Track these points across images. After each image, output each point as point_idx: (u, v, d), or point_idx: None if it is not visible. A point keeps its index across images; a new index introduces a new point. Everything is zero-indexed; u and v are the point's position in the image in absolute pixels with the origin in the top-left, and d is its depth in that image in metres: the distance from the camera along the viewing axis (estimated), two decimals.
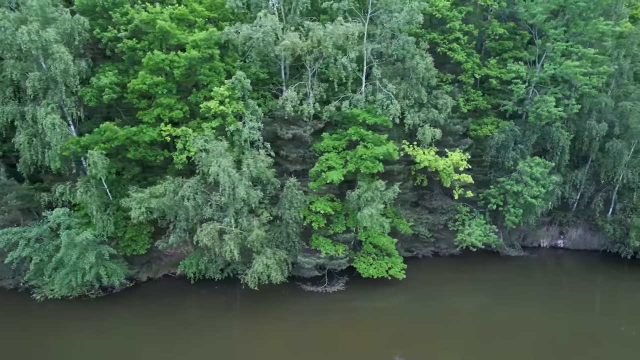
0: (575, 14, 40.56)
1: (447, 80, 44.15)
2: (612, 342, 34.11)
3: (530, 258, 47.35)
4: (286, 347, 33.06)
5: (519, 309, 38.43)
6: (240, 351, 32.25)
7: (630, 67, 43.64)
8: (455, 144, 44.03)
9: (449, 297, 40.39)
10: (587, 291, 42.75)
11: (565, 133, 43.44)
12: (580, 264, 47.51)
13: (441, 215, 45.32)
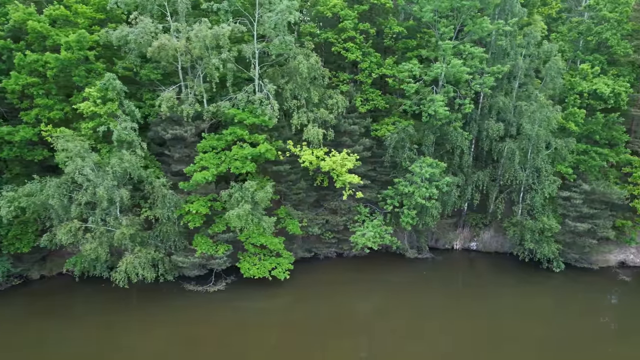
0: (463, 12, 39.75)
1: (345, 80, 43.81)
2: (510, 345, 33.55)
3: (436, 260, 46.66)
4: (165, 345, 33.07)
5: (416, 312, 37.95)
6: (117, 348, 32.32)
7: (529, 66, 42.52)
8: (353, 144, 43.75)
9: (343, 298, 40.17)
10: (488, 294, 41.81)
11: (465, 133, 42.68)
12: (490, 266, 46.67)
13: (342, 216, 45.00)
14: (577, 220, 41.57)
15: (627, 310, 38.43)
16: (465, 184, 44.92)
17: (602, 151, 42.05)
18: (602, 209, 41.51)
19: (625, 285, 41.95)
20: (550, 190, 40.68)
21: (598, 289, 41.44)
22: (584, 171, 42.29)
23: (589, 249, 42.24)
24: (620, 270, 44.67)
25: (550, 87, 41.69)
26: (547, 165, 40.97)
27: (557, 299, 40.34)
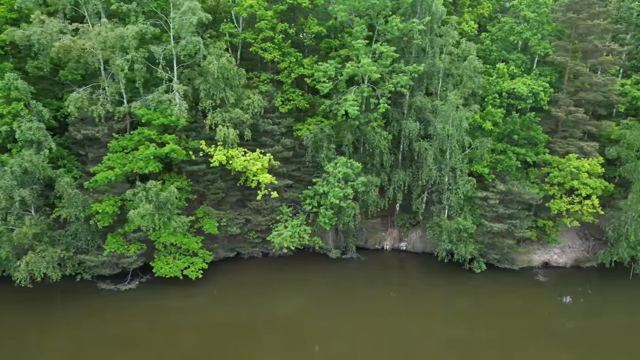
0: (375, 12, 39.79)
1: (265, 80, 43.95)
2: (426, 345, 33.74)
3: (361, 261, 46.61)
4: (74, 344, 33.08)
5: (337, 312, 37.80)
6: (22, 348, 32.26)
7: (449, 66, 42.50)
8: (274, 144, 43.89)
9: (263, 299, 40.06)
10: (411, 294, 41.72)
11: (384, 133, 42.70)
12: (416, 266, 46.67)
13: (265, 216, 45.08)
14: (495, 221, 41.48)
15: (537, 311, 38.13)
16: (388, 183, 44.93)
17: (519, 151, 41.96)
18: (519, 209, 41.38)
19: (540, 286, 41.79)
20: (465, 190, 40.62)
21: (513, 289, 41.32)
22: (501, 171, 42.20)
23: (508, 250, 42.10)
24: (543, 270, 44.53)
25: (469, 86, 41.60)
26: (462, 165, 40.89)
27: (475, 300, 40.27)
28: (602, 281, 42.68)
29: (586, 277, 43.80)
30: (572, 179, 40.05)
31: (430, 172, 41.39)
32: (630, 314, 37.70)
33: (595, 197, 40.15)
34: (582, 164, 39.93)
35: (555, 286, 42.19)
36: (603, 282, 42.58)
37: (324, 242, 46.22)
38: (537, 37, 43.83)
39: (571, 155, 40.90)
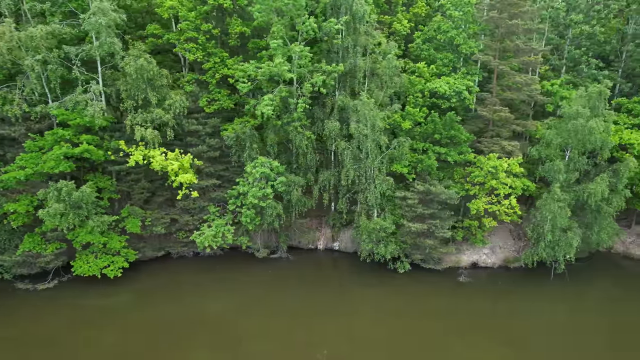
0: (290, 12, 39.79)
1: (190, 80, 44.08)
2: (352, 344, 33.65)
3: (291, 260, 46.52)
4: None
5: (265, 311, 37.69)
6: None
7: (372, 65, 42.38)
8: (200, 144, 44.01)
9: (191, 298, 39.99)
10: (337, 294, 41.37)
11: (307, 133, 42.66)
12: (346, 266, 46.22)
13: (194, 215, 45.19)
14: (416, 221, 41.31)
15: (455, 311, 37.67)
16: (315, 183, 44.90)
17: (440, 150, 41.76)
18: (439, 209, 41.15)
19: (460, 287, 41.48)
20: (382, 190, 40.48)
21: (434, 290, 40.99)
22: (420, 171, 42.01)
23: (430, 250, 41.90)
24: (469, 271, 44.17)
25: (390, 85, 41.46)
26: (380, 164, 40.76)
27: (398, 300, 40.01)
28: (524, 281, 42.27)
29: (510, 277, 43.44)
30: (492, 178, 39.78)
31: (348, 172, 41.26)
32: (545, 314, 37.35)
33: (513, 197, 39.86)
34: (500, 163, 39.65)
35: (475, 287, 41.62)
36: (525, 282, 42.16)
37: (255, 241, 46.32)
38: (463, 35, 43.60)
39: (491, 155, 40.63)
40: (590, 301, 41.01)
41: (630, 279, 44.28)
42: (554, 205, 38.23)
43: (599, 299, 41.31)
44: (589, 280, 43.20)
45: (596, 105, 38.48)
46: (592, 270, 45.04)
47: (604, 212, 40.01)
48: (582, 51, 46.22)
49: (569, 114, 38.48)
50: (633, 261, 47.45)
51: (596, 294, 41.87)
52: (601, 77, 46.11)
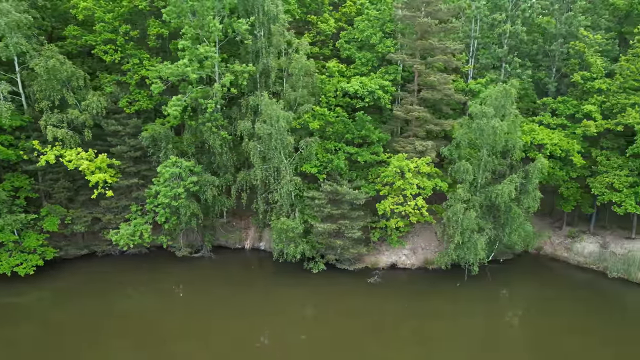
0: (199, 14, 40.02)
1: (110, 81, 44.61)
2: (263, 344, 33.88)
3: (214, 260, 46.70)
4: None
5: (187, 310, 38.00)
6: None
7: (288, 66, 42.35)
8: (119, 143, 44.55)
9: (113, 297, 40.16)
10: (252, 293, 41.58)
11: (223, 133, 42.87)
12: (270, 265, 45.90)
13: (117, 214, 45.72)
14: (328, 221, 41.24)
15: (367, 312, 37.35)
16: (233, 183, 45.08)
17: (350, 150, 41.63)
18: (348, 209, 41.02)
19: (374, 288, 41.14)
20: (286, 190, 40.49)
21: (345, 290, 40.67)
22: (330, 170, 41.91)
23: (342, 250, 41.78)
24: (385, 272, 43.78)
25: (300, 85, 41.40)
26: (289, 165, 40.77)
27: (309, 300, 40.02)
28: (440, 283, 41.78)
29: (427, 278, 43.01)
30: (399, 178, 39.52)
31: (255, 172, 41.38)
32: (456, 315, 36.92)
33: (420, 198, 39.53)
34: (407, 163, 39.35)
35: (388, 287, 41.07)
36: (440, 283, 41.67)
37: (178, 240, 46.71)
38: (379, 35, 43.38)
39: (400, 155, 40.35)
40: (502, 302, 40.52)
41: (550, 280, 43.53)
42: (459, 206, 37.83)
43: (512, 300, 40.82)
44: (506, 282, 42.62)
45: (502, 104, 37.94)
46: (513, 271, 44.45)
47: (513, 214, 39.43)
48: (504, 50, 45.60)
49: (475, 113, 38.05)
50: (558, 262, 46.65)
51: (510, 295, 41.33)
52: (525, 77, 45.51)
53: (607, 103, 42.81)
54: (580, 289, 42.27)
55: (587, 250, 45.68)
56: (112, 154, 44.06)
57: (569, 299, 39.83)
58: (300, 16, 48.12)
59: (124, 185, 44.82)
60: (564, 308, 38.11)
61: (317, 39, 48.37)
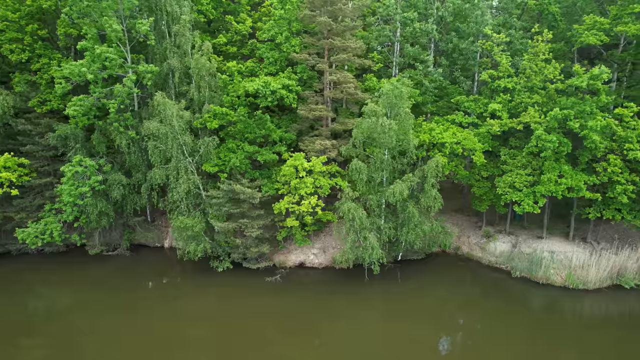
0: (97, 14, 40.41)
1: (20, 81, 45.08)
2: (165, 344, 33.52)
3: (129, 258, 46.98)
4: None
5: (98, 308, 37.92)
6: None
7: (182, 66, 42.50)
8: (30, 143, 45.06)
9: (24, 295, 40.65)
10: (158, 293, 41.73)
11: (131, 133, 43.19)
12: (182, 264, 46.38)
13: (31, 213, 46.24)
14: (229, 220, 41.41)
15: (268, 311, 37.27)
16: (144, 182, 45.41)
17: (248, 149, 41.77)
18: (247, 208, 41.14)
19: (276, 287, 41.09)
20: (184, 189, 40.68)
21: (250, 290, 40.12)
22: (231, 169, 42.07)
23: (244, 249, 41.94)
24: (292, 270, 43.81)
25: (203, 85, 41.58)
26: (185, 163, 40.95)
27: (215, 299, 39.75)
28: (342, 282, 41.76)
29: (331, 277, 42.94)
30: (294, 177, 39.59)
31: (154, 171, 41.65)
32: (348, 315, 36.73)
33: (315, 197, 39.54)
34: (302, 162, 39.41)
35: (288, 286, 41.07)
36: (342, 283, 41.65)
37: (97, 238, 47.13)
38: (286, 34, 43.44)
39: (298, 154, 40.39)
40: (400, 302, 39.99)
41: (456, 279, 43.02)
42: (346, 205, 37.83)
43: (410, 299, 40.22)
44: (411, 281, 42.23)
45: (394, 102, 37.87)
46: (423, 271, 44.05)
47: (408, 213, 39.34)
48: (416, 49, 45.46)
49: (365, 112, 38.02)
50: (472, 262, 46.39)
51: (409, 295, 40.69)
52: (436, 75, 45.38)
53: (513, 102, 42.60)
54: (482, 288, 41.91)
55: (499, 249, 45.45)
56: (22, 153, 44.59)
57: (465, 297, 39.70)
58: (217, 16, 48.31)
59: (39, 184, 45.35)
60: (459, 307, 38.03)
61: (236, 39, 48.50)
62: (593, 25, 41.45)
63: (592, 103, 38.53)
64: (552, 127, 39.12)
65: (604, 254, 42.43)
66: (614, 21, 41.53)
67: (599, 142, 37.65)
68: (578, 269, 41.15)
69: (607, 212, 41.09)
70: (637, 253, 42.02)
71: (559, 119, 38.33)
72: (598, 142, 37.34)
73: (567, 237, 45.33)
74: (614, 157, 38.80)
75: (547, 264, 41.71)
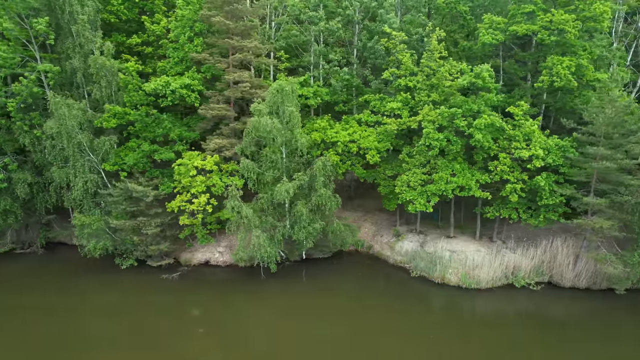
0: None
1: None
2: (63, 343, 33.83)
3: (40, 256, 47.55)
4: None
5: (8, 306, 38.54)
6: None
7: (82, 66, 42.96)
8: None
9: None
10: (67, 290, 42.16)
11: (37, 132, 43.74)
12: (81, 262, 46.33)
13: None
14: (127, 218, 41.85)
15: (167, 309, 37.55)
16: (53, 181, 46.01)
17: (145, 147, 42.21)
18: (144, 206, 41.52)
19: (169, 283, 41.54)
20: (79, 188, 41.19)
21: (151, 287, 40.43)
22: (129, 168, 42.51)
23: (145, 247, 42.36)
24: (193, 268, 44.02)
25: (105, 85, 42.01)
26: (85, 163, 41.47)
27: (116, 296, 39.95)
28: (240, 281, 41.98)
29: (230, 275, 43.21)
30: (187, 176, 39.91)
31: (53, 170, 42.24)
32: (245, 312, 37.14)
33: (205, 195, 39.82)
34: (194, 160, 39.71)
35: (186, 284, 41.34)
36: (240, 281, 41.87)
37: (9, 236, 47.85)
38: (188, 34, 43.80)
39: (191, 153, 40.73)
40: (301, 299, 40.03)
41: (358, 278, 42.99)
42: (230, 203, 38.03)
43: (314, 297, 40.29)
44: (315, 279, 42.31)
45: (280, 101, 38.00)
46: (330, 270, 43.80)
47: (296, 212, 39.41)
48: (322, 48, 45.55)
49: (252, 110, 38.21)
50: (379, 261, 46.14)
51: (312, 292, 40.98)
52: (343, 74, 45.40)
53: (413, 101, 42.53)
54: (382, 287, 42.10)
55: (405, 249, 45.34)
56: None
57: (366, 296, 39.65)
58: (132, 16, 48.80)
59: None
60: (359, 305, 38.08)
61: (152, 40, 48.95)
62: (490, 24, 41.28)
63: (480, 102, 38.36)
64: (443, 125, 39.04)
65: (505, 253, 42.30)
66: (510, 20, 41.30)
67: (485, 141, 37.48)
68: (475, 268, 40.97)
69: (504, 211, 40.86)
70: (537, 252, 41.73)
71: (445, 117, 38.21)
72: (482, 140, 37.18)
73: (475, 237, 45.15)
74: (504, 155, 38.57)
75: (445, 264, 41.57)
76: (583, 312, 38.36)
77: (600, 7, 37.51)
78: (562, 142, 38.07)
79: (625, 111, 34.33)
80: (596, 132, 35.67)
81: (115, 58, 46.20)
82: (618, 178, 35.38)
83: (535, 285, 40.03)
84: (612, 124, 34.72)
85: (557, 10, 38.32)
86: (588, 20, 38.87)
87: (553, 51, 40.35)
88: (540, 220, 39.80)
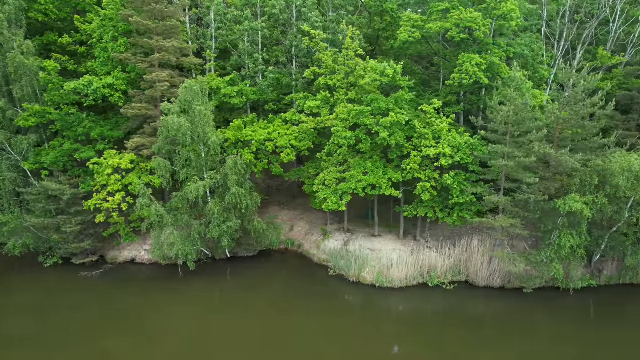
0: None
1: None
2: None
3: None
4: None
5: None
6: None
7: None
8: None
9: None
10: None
11: None
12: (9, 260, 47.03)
13: None
14: (47, 216, 42.31)
15: (83, 307, 37.73)
16: None
17: (67, 146, 42.58)
18: (64, 205, 41.91)
19: (90, 281, 41.78)
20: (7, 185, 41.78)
21: (75, 285, 41.06)
22: (48, 167, 42.94)
23: (68, 245, 42.75)
24: (118, 266, 44.35)
25: (25, 84, 42.39)
26: (7, 162, 41.98)
27: (38, 294, 40.33)
28: (162, 278, 42.05)
29: (153, 273, 43.40)
30: (103, 175, 40.25)
31: None
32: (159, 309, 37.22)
33: (122, 194, 40.14)
34: (110, 159, 40.02)
35: (107, 282, 41.48)
36: (162, 279, 41.97)
37: None
38: (111, 34, 44.09)
39: (108, 152, 41.05)
40: (225, 296, 40.25)
41: (279, 276, 43.30)
42: (141, 201, 38.31)
43: (236, 294, 40.30)
44: (238, 278, 42.45)
45: (190, 100, 38.21)
46: (256, 269, 43.77)
47: (209, 211, 39.58)
48: (252, 48, 45.69)
49: (162, 109, 38.42)
50: (305, 260, 46.27)
51: (235, 290, 40.96)
52: (268, 73, 45.55)
53: (332, 99, 42.58)
54: (302, 285, 41.99)
55: (329, 247, 45.38)
56: None
57: (286, 293, 39.98)
58: (64, 15, 49.15)
59: None
60: (280, 302, 38.38)
61: (85, 39, 49.26)
62: (410, 22, 41.24)
63: (390, 100, 38.34)
64: (357, 123, 39.08)
65: (426, 252, 42.23)
66: (427, 18, 41.24)
67: (394, 139, 37.48)
68: (391, 267, 40.95)
69: (420, 210, 40.83)
70: (455, 251, 41.66)
71: (354, 116, 38.24)
72: (389, 138, 37.18)
73: (399, 236, 45.14)
74: (416, 153, 38.55)
75: (361, 263, 41.60)
76: (498, 311, 38.27)
77: (508, 5, 37.38)
78: (472, 140, 37.97)
79: (524, 109, 34.18)
80: (498, 129, 35.57)
81: (48, 58, 46.88)
82: (521, 176, 35.26)
83: (449, 284, 39.96)
84: (512, 122, 34.59)
85: (465, 9, 38.24)
86: (499, 18, 38.75)
87: (470, 50, 40.30)
88: (454, 219, 39.74)
